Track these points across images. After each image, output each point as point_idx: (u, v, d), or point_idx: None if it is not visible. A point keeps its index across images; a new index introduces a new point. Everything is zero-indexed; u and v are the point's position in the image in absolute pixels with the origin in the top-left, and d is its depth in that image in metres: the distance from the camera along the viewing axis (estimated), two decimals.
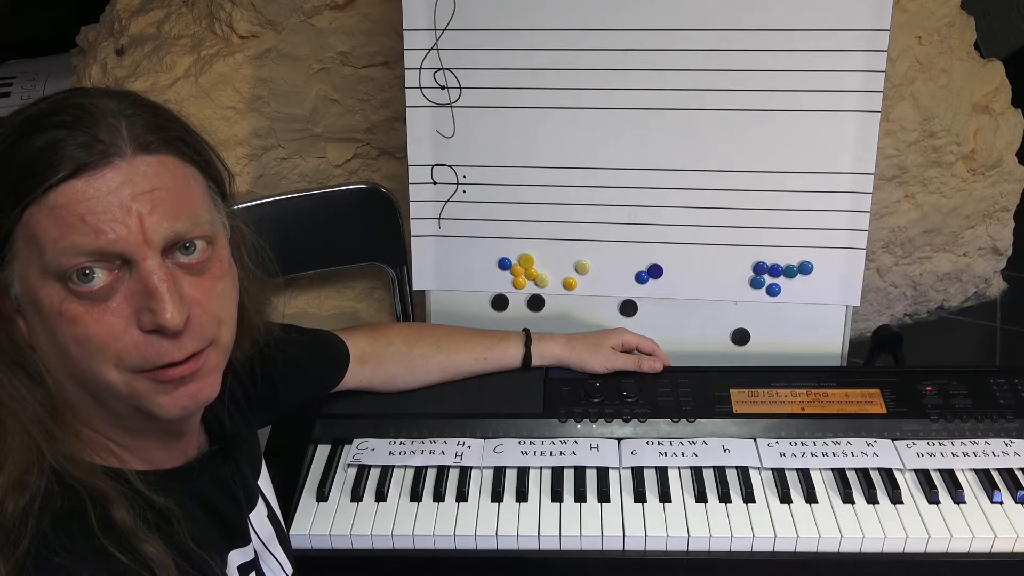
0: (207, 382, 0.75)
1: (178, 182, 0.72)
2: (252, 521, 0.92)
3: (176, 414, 0.75)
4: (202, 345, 0.73)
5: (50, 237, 0.67)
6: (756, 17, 1.37)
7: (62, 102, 0.71)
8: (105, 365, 0.70)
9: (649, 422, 1.29)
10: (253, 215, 1.81)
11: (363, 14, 1.80)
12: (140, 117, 0.71)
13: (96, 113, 0.69)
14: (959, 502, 1.17)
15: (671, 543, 1.15)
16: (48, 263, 0.67)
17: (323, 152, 1.92)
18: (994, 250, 2.27)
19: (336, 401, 1.29)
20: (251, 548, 0.90)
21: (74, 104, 0.70)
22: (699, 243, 1.46)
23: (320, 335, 1.22)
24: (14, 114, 0.71)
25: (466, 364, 1.31)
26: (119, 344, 0.70)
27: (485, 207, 1.49)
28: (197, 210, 0.73)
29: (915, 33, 1.90)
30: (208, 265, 0.74)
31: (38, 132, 0.68)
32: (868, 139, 1.39)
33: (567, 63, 1.42)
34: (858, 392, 1.31)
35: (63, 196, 0.67)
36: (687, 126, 1.41)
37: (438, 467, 1.24)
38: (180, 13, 1.89)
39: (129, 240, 0.68)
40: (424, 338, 1.31)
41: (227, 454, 0.90)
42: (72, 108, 0.70)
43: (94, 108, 0.70)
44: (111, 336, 0.69)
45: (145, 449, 0.80)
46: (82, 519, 0.70)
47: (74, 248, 0.67)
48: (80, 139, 0.68)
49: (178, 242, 0.71)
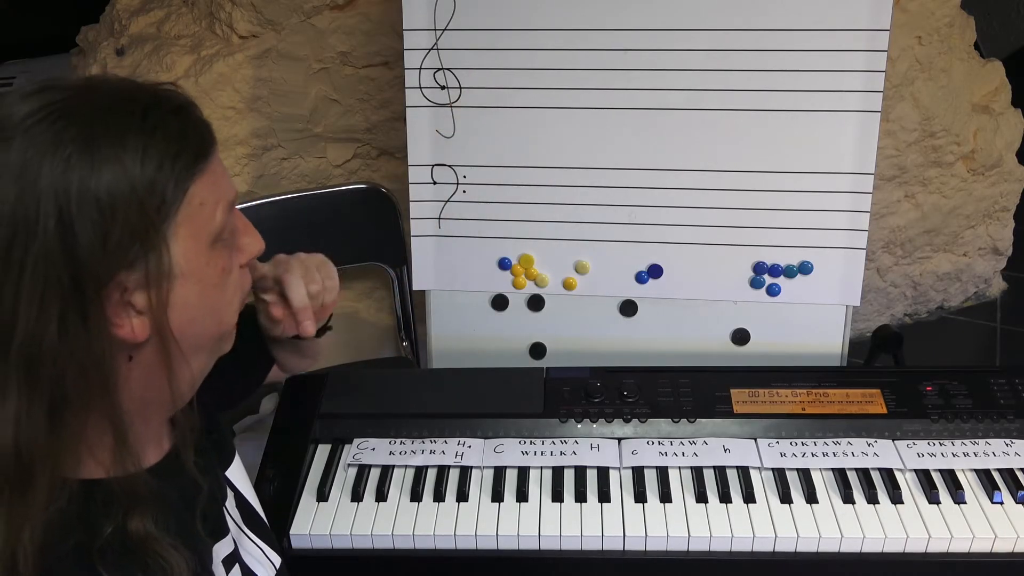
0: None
1: None
2: (227, 510, 0.92)
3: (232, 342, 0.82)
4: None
5: (213, 202, 0.71)
6: (756, 17, 1.37)
7: (161, 91, 0.73)
8: (237, 306, 0.79)
9: (649, 422, 1.29)
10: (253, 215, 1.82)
11: (363, 14, 1.80)
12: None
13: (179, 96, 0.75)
14: (960, 502, 1.17)
15: (672, 543, 1.15)
16: (213, 227, 0.72)
17: (323, 152, 1.92)
18: (994, 250, 2.27)
19: (336, 401, 1.29)
20: (230, 539, 0.89)
21: (167, 90, 0.74)
22: (699, 243, 1.46)
23: (249, 314, 1.20)
24: (130, 86, 0.72)
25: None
26: (242, 282, 0.80)
27: (485, 207, 1.49)
28: None
29: (915, 33, 1.90)
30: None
31: (183, 111, 0.71)
32: (868, 139, 1.39)
33: (567, 63, 1.42)
34: (858, 392, 1.31)
35: (212, 163, 0.72)
36: (687, 126, 1.41)
37: (438, 467, 1.24)
38: (180, 13, 1.89)
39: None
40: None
41: (196, 445, 0.89)
42: (169, 92, 0.73)
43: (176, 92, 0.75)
44: (240, 277, 0.79)
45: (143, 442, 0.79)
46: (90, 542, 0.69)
47: (225, 207, 0.73)
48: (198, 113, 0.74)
49: None
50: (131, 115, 0.67)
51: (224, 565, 0.86)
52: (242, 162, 1.86)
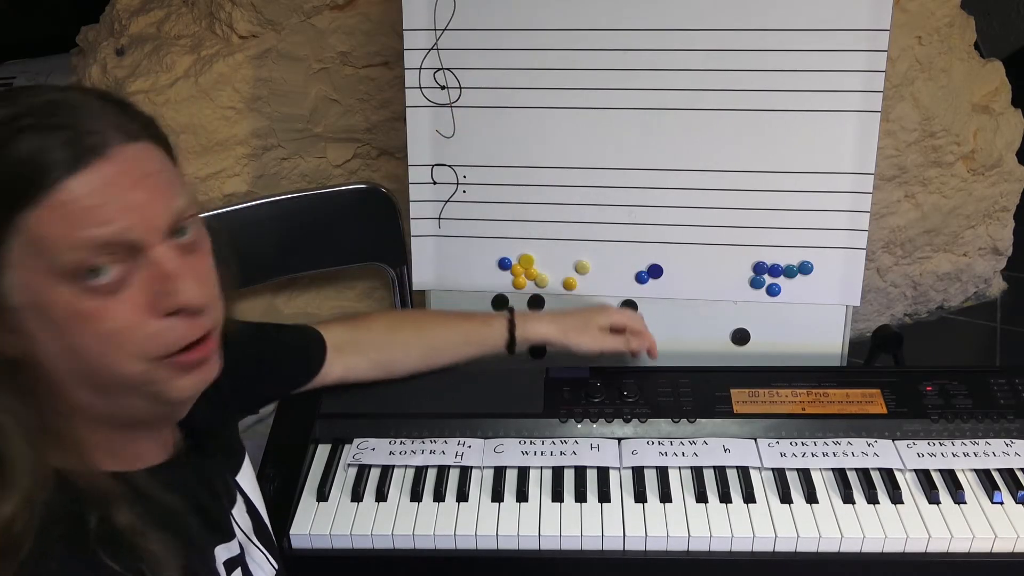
0: (215, 358, 0.77)
1: (163, 165, 0.72)
2: (235, 516, 0.92)
3: (189, 394, 0.76)
4: (214, 322, 0.74)
5: (56, 236, 0.66)
6: (756, 17, 1.37)
7: (39, 101, 0.69)
8: (126, 358, 0.70)
9: (649, 422, 1.29)
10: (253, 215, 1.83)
11: (363, 14, 1.80)
12: (114, 107, 0.71)
13: (77, 108, 0.69)
14: (960, 502, 1.17)
15: (672, 543, 1.15)
16: (58, 263, 0.66)
17: (323, 152, 1.92)
18: (994, 250, 2.27)
19: (336, 401, 1.29)
20: (236, 543, 0.90)
21: (53, 101, 0.69)
22: (699, 243, 1.46)
23: (293, 327, 1.22)
24: (13, 97, 0.69)
25: (449, 349, 1.30)
26: (141, 334, 0.69)
27: (485, 207, 1.49)
28: (186, 190, 0.73)
29: (915, 33, 1.90)
30: (199, 244, 0.74)
31: (20, 135, 0.66)
32: (868, 139, 1.39)
33: (567, 63, 1.42)
34: (858, 392, 1.31)
35: (63, 194, 0.66)
36: (687, 126, 1.41)
37: (438, 467, 1.24)
38: (180, 13, 1.89)
39: (137, 228, 0.68)
40: (406, 323, 1.31)
41: (204, 448, 0.89)
42: (52, 105, 0.68)
43: (74, 103, 0.69)
44: (132, 327, 0.69)
45: (130, 447, 0.80)
46: (81, 528, 0.70)
47: (85, 243, 0.66)
48: (68, 135, 0.67)
49: (179, 222, 0.71)
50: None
51: (225, 567, 0.86)
52: (242, 162, 1.86)
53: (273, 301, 1.97)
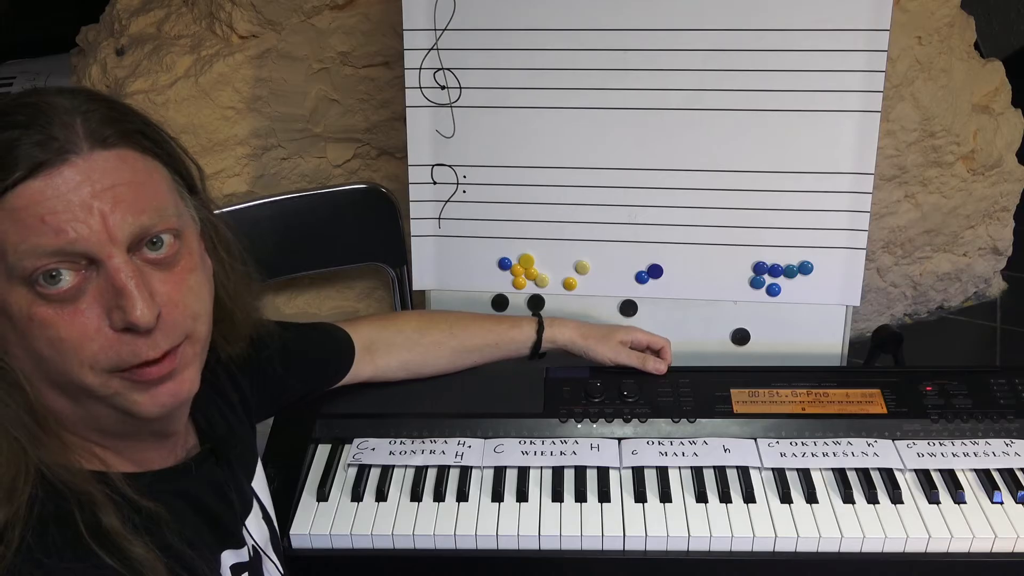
0: (184, 377, 0.74)
1: (139, 176, 0.70)
2: (249, 525, 0.92)
3: (156, 412, 0.73)
4: (176, 341, 0.72)
5: (12, 240, 0.65)
6: (756, 17, 1.37)
7: (13, 102, 0.68)
8: (80, 367, 0.69)
9: (649, 422, 1.29)
10: (253, 215, 1.82)
11: (363, 14, 1.80)
12: (95, 112, 0.69)
13: (49, 111, 0.67)
14: (959, 502, 1.17)
15: (672, 543, 1.15)
16: (12, 267, 0.65)
17: (323, 152, 1.92)
18: (994, 250, 2.27)
19: (336, 401, 1.29)
20: (246, 550, 0.89)
21: (26, 103, 0.68)
22: (699, 243, 1.46)
23: (322, 327, 1.22)
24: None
25: (478, 351, 1.31)
26: (93, 345, 0.68)
27: (485, 207, 1.49)
28: (161, 203, 0.71)
29: (915, 33, 1.90)
30: (177, 259, 0.72)
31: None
32: (868, 139, 1.39)
33: (567, 63, 1.42)
34: (858, 392, 1.31)
35: (21, 198, 0.65)
36: (687, 126, 1.41)
37: (438, 467, 1.24)
38: (180, 13, 1.89)
39: (92, 239, 0.66)
40: (436, 324, 1.31)
41: (218, 455, 0.89)
42: (24, 107, 0.68)
43: (47, 106, 0.68)
44: (84, 337, 0.68)
45: (132, 450, 0.79)
46: (69, 523, 0.69)
47: (37, 249, 0.65)
48: (35, 138, 0.65)
49: (144, 237, 0.69)
50: None
51: (232, 572, 0.86)
52: (242, 162, 1.86)
53: (273, 301, 1.98)
